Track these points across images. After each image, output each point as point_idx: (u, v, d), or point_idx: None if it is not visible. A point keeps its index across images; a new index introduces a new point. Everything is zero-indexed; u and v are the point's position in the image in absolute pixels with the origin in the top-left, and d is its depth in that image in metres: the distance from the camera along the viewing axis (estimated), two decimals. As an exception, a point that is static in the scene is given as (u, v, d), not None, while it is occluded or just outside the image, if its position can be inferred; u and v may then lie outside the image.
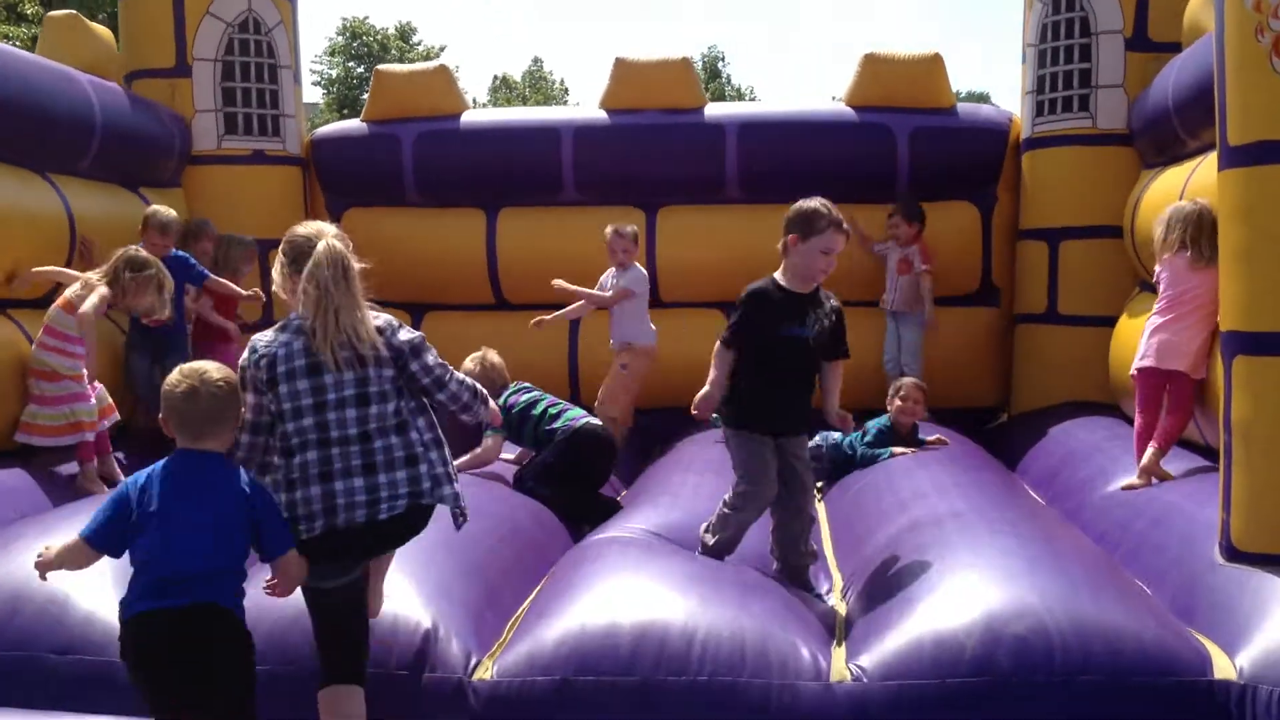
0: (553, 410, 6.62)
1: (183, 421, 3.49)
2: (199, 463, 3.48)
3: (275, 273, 3.89)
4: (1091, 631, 3.82)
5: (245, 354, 3.73)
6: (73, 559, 3.46)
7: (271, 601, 3.73)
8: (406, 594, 4.21)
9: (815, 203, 4.78)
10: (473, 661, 4.00)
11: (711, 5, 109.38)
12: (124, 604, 3.42)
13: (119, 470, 6.40)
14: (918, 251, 8.47)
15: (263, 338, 3.74)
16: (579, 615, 4.06)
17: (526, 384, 6.93)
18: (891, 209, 8.57)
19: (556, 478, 6.33)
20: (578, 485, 6.38)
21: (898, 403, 7.17)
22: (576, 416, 6.59)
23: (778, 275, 4.86)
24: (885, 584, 4.46)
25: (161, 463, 3.50)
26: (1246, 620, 3.94)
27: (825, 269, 4.75)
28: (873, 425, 7.17)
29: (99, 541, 3.44)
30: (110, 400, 6.54)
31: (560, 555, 5.47)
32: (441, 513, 3.83)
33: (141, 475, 3.49)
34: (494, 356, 6.96)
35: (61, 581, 4.03)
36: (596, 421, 6.68)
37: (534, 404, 6.67)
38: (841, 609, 4.66)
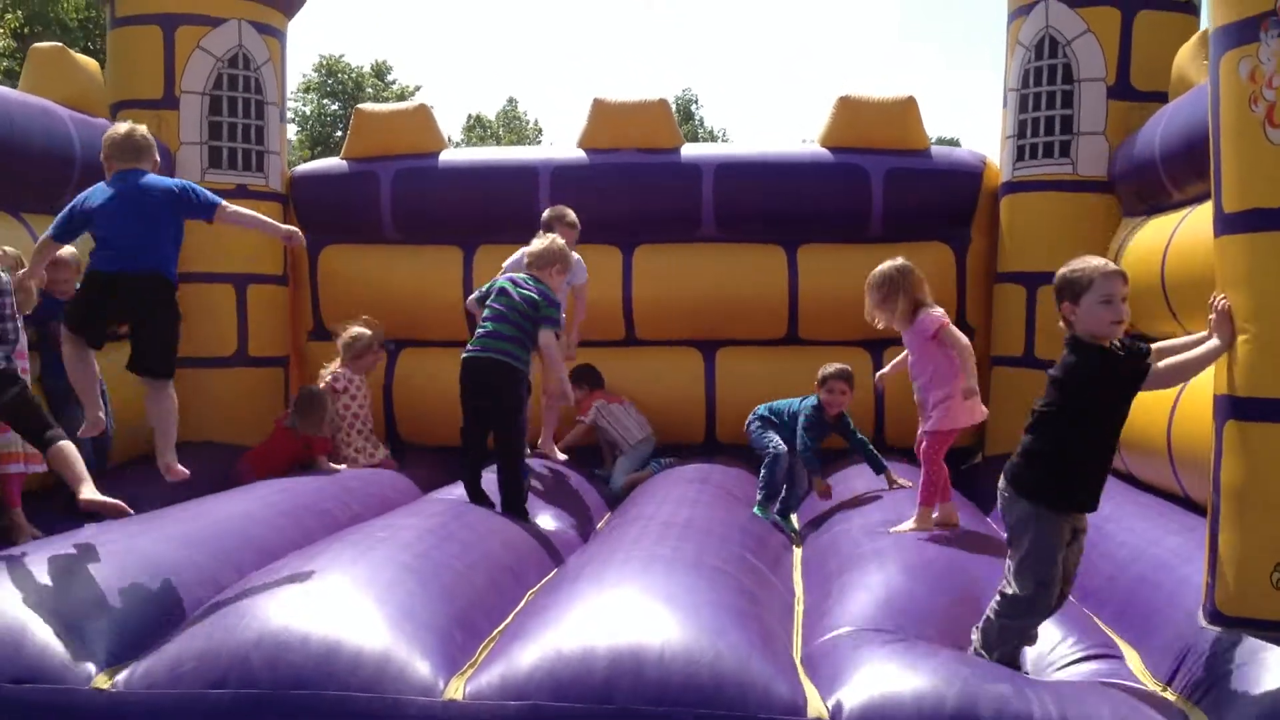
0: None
1: (123, 151, 5.34)
2: (136, 174, 5.32)
3: None
4: (1067, 699, 3.84)
5: None
6: (43, 252, 5.54)
7: (231, 626, 4.10)
8: (368, 615, 4.20)
9: (1071, 263, 4.35)
10: (440, 683, 3.97)
11: (685, 51, 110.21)
12: (91, 265, 5.32)
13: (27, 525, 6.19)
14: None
15: None
16: (554, 639, 4.04)
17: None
18: None
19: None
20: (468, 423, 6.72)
21: (824, 394, 7.28)
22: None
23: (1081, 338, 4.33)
24: (856, 634, 4.46)
25: (107, 180, 5.33)
26: (1233, 686, 3.93)
27: (1115, 319, 4.24)
28: (805, 405, 7.31)
29: (60, 236, 5.39)
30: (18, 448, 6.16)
31: (538, 581, 5.47)
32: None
33: (91, 190, 5.32)
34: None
35: (18, 612, 4.21)
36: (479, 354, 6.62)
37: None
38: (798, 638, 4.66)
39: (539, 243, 6.96)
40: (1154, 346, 4.45)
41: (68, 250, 6.88)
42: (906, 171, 8.90)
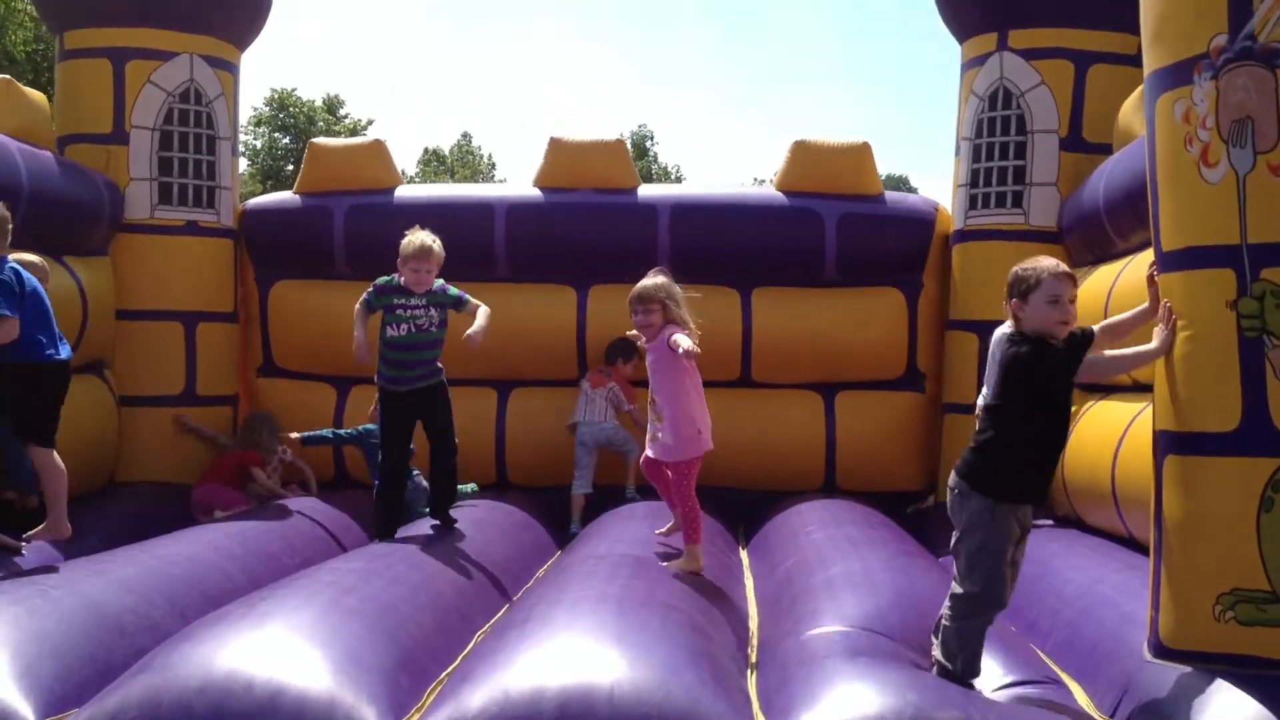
0: None
1: (8, 236, 5.81)
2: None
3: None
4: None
5: None
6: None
7: (174, 673, 4.03)
8: (313, 660, 4.16)
9: (1024, 262, 4.49)
10: None
11: (640, 86, 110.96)
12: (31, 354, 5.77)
13: None
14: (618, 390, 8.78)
15: None
16: (503, 680, 4.01)
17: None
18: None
19: None
20: None
21: None
22: None
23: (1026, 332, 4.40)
24: (811, 658, 4.48)
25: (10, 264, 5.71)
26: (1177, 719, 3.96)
27: (1062, 319, 4.34)
28: None
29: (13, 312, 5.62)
30: None
31: (485, 622, 5.44)
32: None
33: (15, 270, 5.73)
34: None
35: None
36: None
37: None
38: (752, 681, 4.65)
39: None
40: (1097, 326, 4.53)
41: (38, 257, 6.91)
42: (860, 217, 8.96)
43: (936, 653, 4.50)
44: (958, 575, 4.44)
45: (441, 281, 6.88)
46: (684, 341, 5.69)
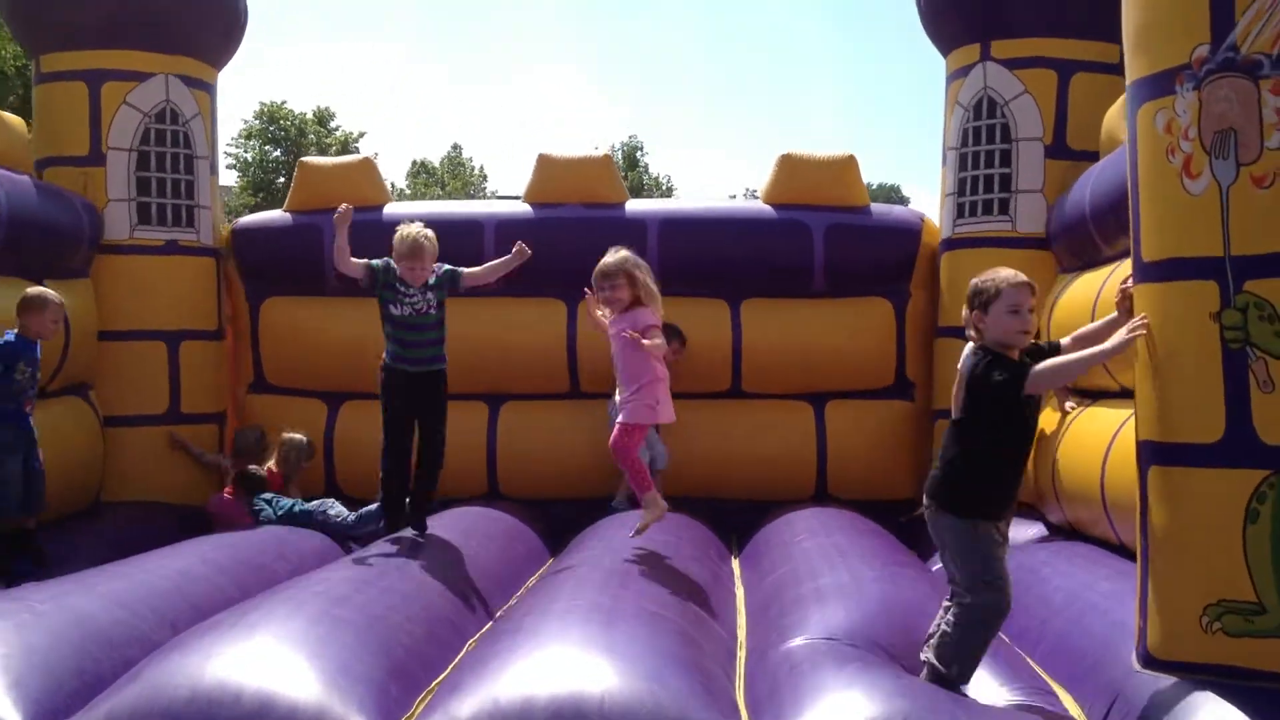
0: None
1: None
2: None
3: None
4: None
5: None
6: None
7: (163, 684, 4.03)
8: (302, 670, 4.16)
9: (982, 274, 4.52)
10: None
11: (632, 97, 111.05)
12: None
13: None
14: None
15: None
16: (493, 690, 4.02)
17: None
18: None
19: None
20: None
21: None
22: None
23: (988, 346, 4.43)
24: (799, 666, 4.48)
25: None
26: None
27: (1022, 328, 4.40)
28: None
29: None
30: None
31: (477, 631, 5.45)
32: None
33: None
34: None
35: None
36: None
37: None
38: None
39: None
40: (1066, 338, 4.59)
41: (55, 294, 6.90)
42: (847, 228, 9.00)
43: (929, 655, 4.49)
44: (960, 589, 4.44)
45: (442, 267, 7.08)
46: (656, 343, 6.16)
